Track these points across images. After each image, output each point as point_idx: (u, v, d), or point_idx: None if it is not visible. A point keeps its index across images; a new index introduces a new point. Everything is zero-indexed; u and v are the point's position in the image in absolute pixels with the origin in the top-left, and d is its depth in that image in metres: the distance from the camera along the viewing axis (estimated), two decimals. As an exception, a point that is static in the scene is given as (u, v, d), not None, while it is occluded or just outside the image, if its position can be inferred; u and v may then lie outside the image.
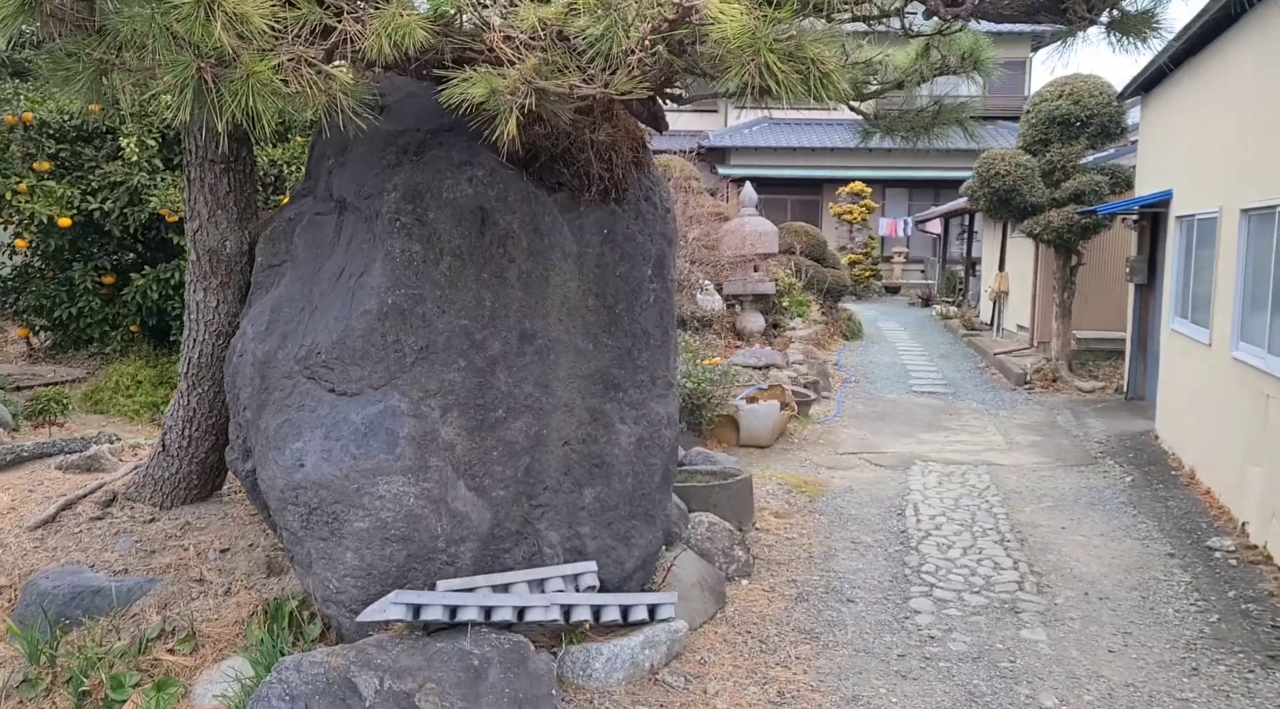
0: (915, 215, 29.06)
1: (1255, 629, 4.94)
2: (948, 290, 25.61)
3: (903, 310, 24.22)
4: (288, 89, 2.49)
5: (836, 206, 27.81)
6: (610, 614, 4.27)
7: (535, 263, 4.11)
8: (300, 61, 2.50)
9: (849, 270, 26.55)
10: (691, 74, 2.74)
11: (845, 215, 27.84)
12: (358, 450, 3.80)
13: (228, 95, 2.38)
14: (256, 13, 2.34)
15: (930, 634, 4.95)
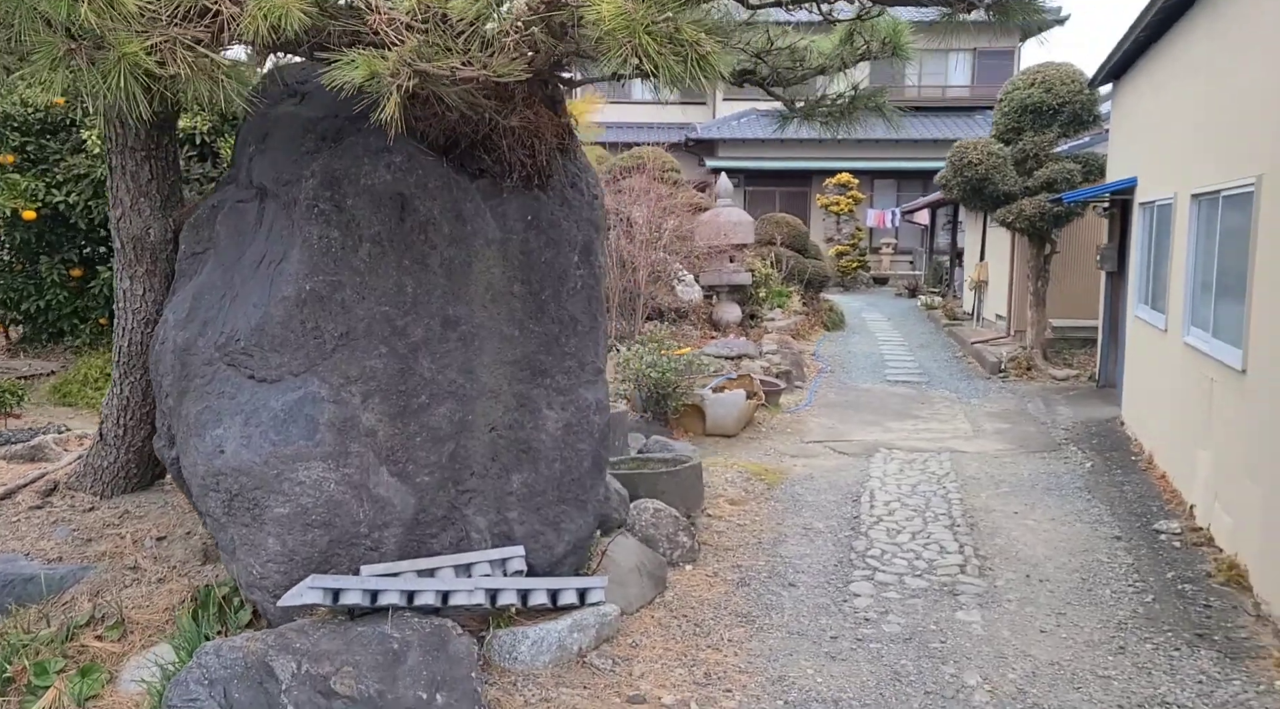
0: (902, 206, 29.05)
1: (1188, 609, 4.97)
2: (934, 281, 25.61)
3: (889, 301, 24.22)
4: (164, 71, 2.50)
5: (823, 198, 27.79)
6: (538, 598, 4.31)
7: (458, 249, 4.13)
8: (176, 43, 2.52)
9: (836, 261, 26.60)
10: (578, 57, 2.75)
11: (832, 206, 27.81)
12: (277, 437, 3.83)
13: (101, 78, 2.40)
14: (127, -4, 2.36)
15: (866, 616, 4.99)
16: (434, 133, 3.97)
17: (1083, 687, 4.17)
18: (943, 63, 31.18)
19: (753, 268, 15.18)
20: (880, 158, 28.70)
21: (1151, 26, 8.24)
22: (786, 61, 4.36)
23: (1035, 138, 12.66)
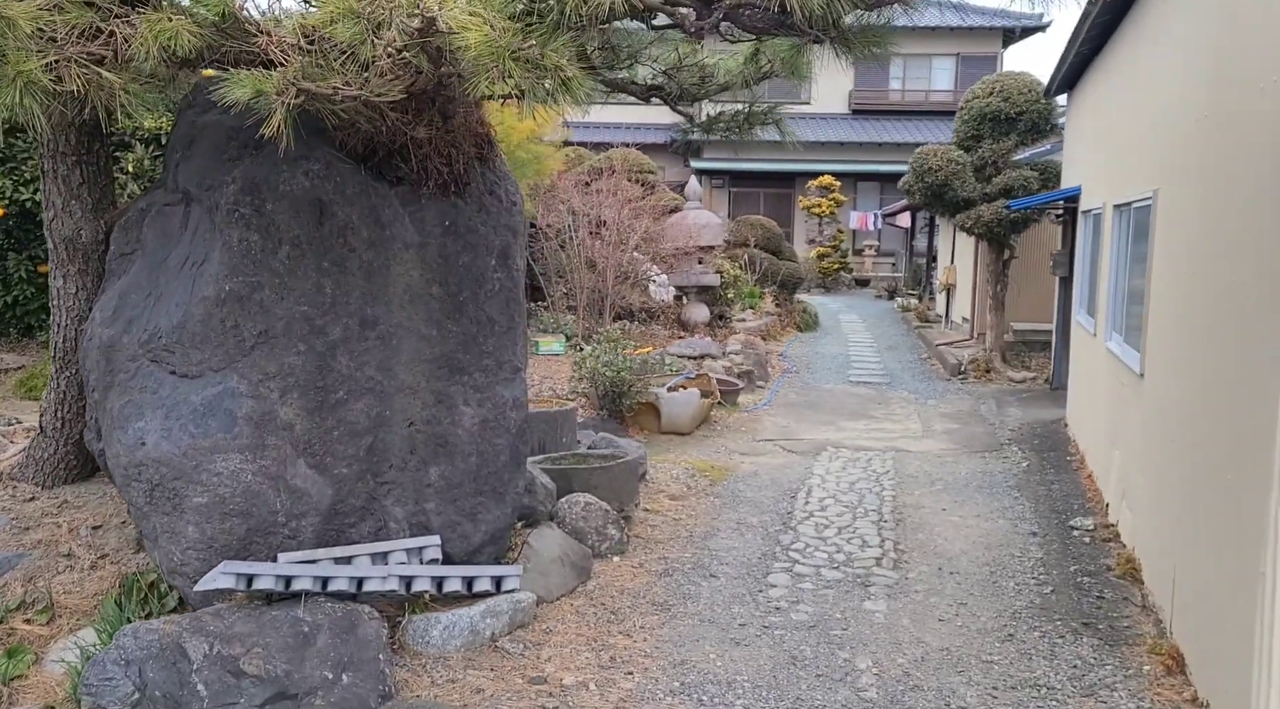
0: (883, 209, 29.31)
1: (1081, 600, 5.21)
2: (913, 283, 25.87)
3: (868, 303, 24.46)
4: (61, 87, 2.71)
5: (806, 200, 28.01)
6: (453, 585, 4.52)
7: (376, 252, 4.35)
8: (71, 61, 2.73)
9: (818, 263, 26.84)
10: (459, 78, 2.96)
11: (814, 209, 28.03)
12: (196, 429, 4.04)
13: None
14: (23, 16, 2.56)
15: (777, 606, 5.21)
16: (353, 142, 4.18)
17: (965, 670, 4.40)
18: (926, 67, 31.44)
19: (721, 269, 15.39)
20: (864, 161, 28.95)
21: (1090, 41, 8.49)
22: (694, 78, 4.58)
23: (994, 145, 12.91)
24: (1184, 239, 4.79)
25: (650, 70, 4.66)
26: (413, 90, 3.11)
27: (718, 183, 31.23)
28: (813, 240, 28.51)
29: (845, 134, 30.00)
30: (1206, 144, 4.43)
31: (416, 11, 2.72)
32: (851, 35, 3.52)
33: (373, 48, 2.76)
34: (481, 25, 2.76)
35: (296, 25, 2.85)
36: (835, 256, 27.37)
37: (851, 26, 3.45)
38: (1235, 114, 3.91)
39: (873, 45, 3.62)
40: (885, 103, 31.05)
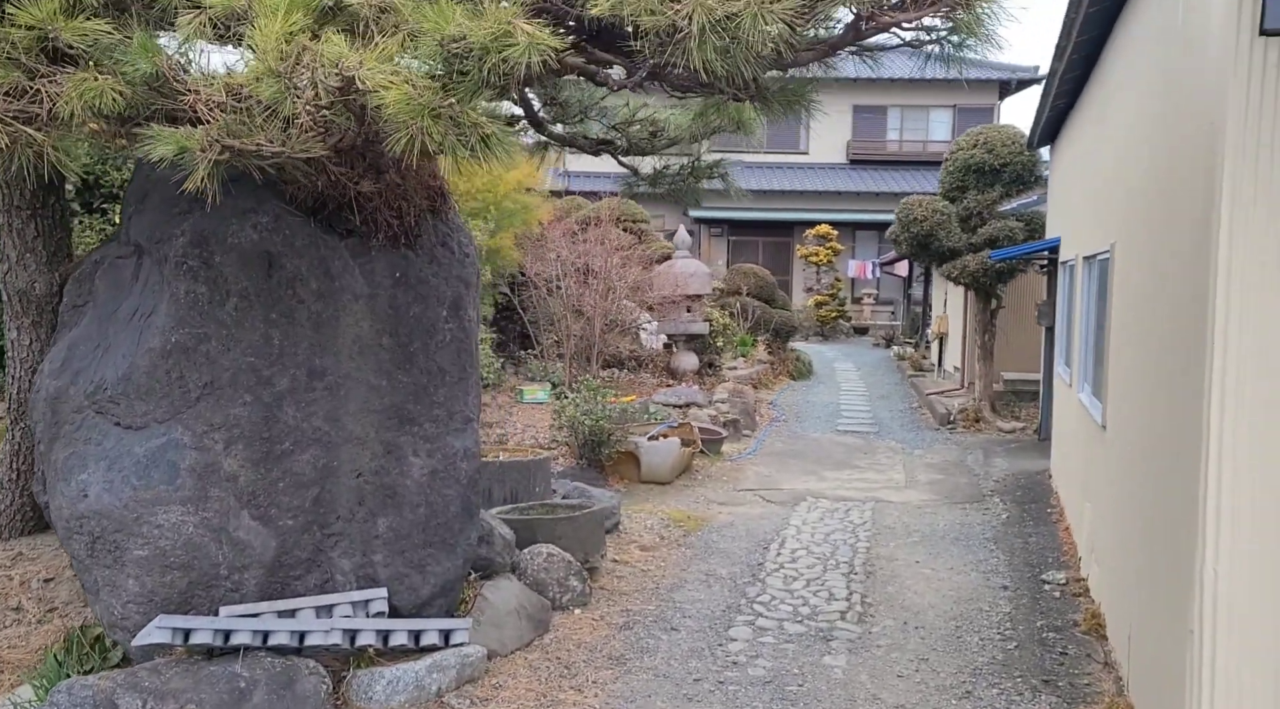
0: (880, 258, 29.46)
1: (1044, 656, 5.12)
2: (910, 332, 25.89)
3: (865, 351, 24.43)
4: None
5: (803, 249, 28.19)
6: (399, 639, 4.47)
7: (326, 303, 4.38)
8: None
9: (815, 311, 26.90)
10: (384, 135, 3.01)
11: (812, 257, 28.18)
12: (138, 481, 4.04)
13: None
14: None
15: (735, 660, 5.14)
16: (302, 195, 4.24)
17: (917, 730, 4.32)
18: (924, 118, 31.80)
19: (710, 317, 15.44)
20: (862, 210, 29.17)
21: (1065, 94, 8.60)
22: (645, 133, 4.65)
23: (979, 196, 13.00)
24: (1137, 293, 4.80)
25: (601, 126, 4.74)
26: (341, 146, 3.17)
27: (716, 231, 31.46)
28: (810, 289, 28.62)
29: (843, 184, 30.27)
30: (1150, 203, 4.46)
31: (336, 70, 2.78)
32: (769, 93, 3.57)
33: (293, 105, 2.81)
34: (400, 84, 2.82)
35: (222, 84, 2.91)
36: (833, 305, 27.42)
37: (770, 85, 3.51)
38: (1169, 179, 3.96)
39: (793, 102, 3.68)
40: (883, 153, 31.37)
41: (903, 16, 2.93)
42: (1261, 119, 2.97)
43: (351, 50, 2.88)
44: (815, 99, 3.83)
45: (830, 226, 27.52)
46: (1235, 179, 2.99)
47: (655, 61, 3.07)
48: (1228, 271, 2.98)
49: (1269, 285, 2.94)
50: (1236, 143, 2.99)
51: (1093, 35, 6.84)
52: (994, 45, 3.05)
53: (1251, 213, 2.96)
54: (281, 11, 2.86)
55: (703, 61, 2.71)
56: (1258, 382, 2.94)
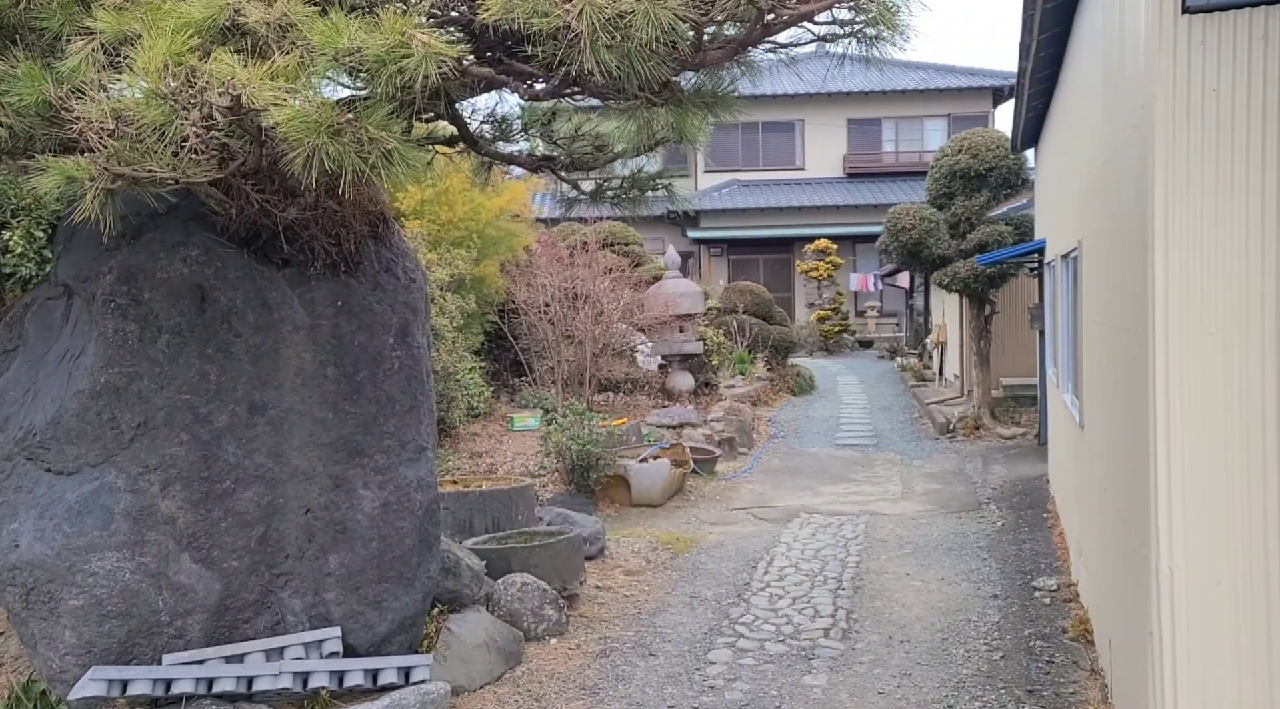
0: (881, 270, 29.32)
1: (1030, 666, 4.93)
2: (914, 342, 25.68)
3: (870, 364, 24.23)
4: None
5: (803, 264, 28.09)
6: (355, 679, 4.32)
7: (264, 336, 4.27)
8: None
9: (818, 326, 26.74)
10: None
11: (811, 272, 28.07)
12: (71, 529, 3.92)
13: None
14: None
15: (713, 684, 4.96)
16: (234, 225, 4.15)
17: (894, 751, 4.13)
18: (919, 128, 31.72)
19: (704, 336, 15.30)
20: (861, 223, 29.01)
21: (1040, 95, 8.51)
22: (588, 148, 4.55)
23: (966, 202, 12.87)
24: (1100, 288, 4.66)
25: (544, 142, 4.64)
26: (246, 170, 3.08)
27: (716, 251, 31.40)
28: (813, 304, 28.47)
29: (840, 197, 30.21)
30: (1104, 195, 4.33)
31: (224, 89, 2.69)
32: (684, 97, 3.47)
33: (180, 128, 2.73)
34: (292, 102, 2.73)
35: (108, 109, 2.83)
36: (836, 319, 27.23)
37: (686, 90, 3.40)
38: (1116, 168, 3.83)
39: (711, 106, 3.57)
40: (879, 165, 31.30)
41: (809, 8, 2.82)
42: (1190, 98, 2.85)
43: (243, 69, 2.79)
44: (734, 101, 3.71)
45: (829, 241, 27.39)
46: (1168, 160, 2.87)
47: (569, 68, 2.98)
48: (1165, 258, 2.85)
49: (1206, 267, 2.80)
50: (1166, 123, 2.87)
51: (1055, 32, 6.75)
52: (905, 38, 2.95)
53: (1185, 194, 2.83)
54: (170, 32, 2.78)
55: (597, 62, 2.61)
56: (1202, 374, 2.80)
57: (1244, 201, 2.77)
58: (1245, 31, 2.81)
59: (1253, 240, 2.75)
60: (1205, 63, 2.83)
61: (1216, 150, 2.79)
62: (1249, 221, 2.76)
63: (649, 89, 2.94)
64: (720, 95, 3.63)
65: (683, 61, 2.90)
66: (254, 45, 3.03)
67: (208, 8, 2.97)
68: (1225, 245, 2.77)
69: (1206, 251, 2.78)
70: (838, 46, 3.09)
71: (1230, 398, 2.73)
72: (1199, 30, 2.85)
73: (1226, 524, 2.73)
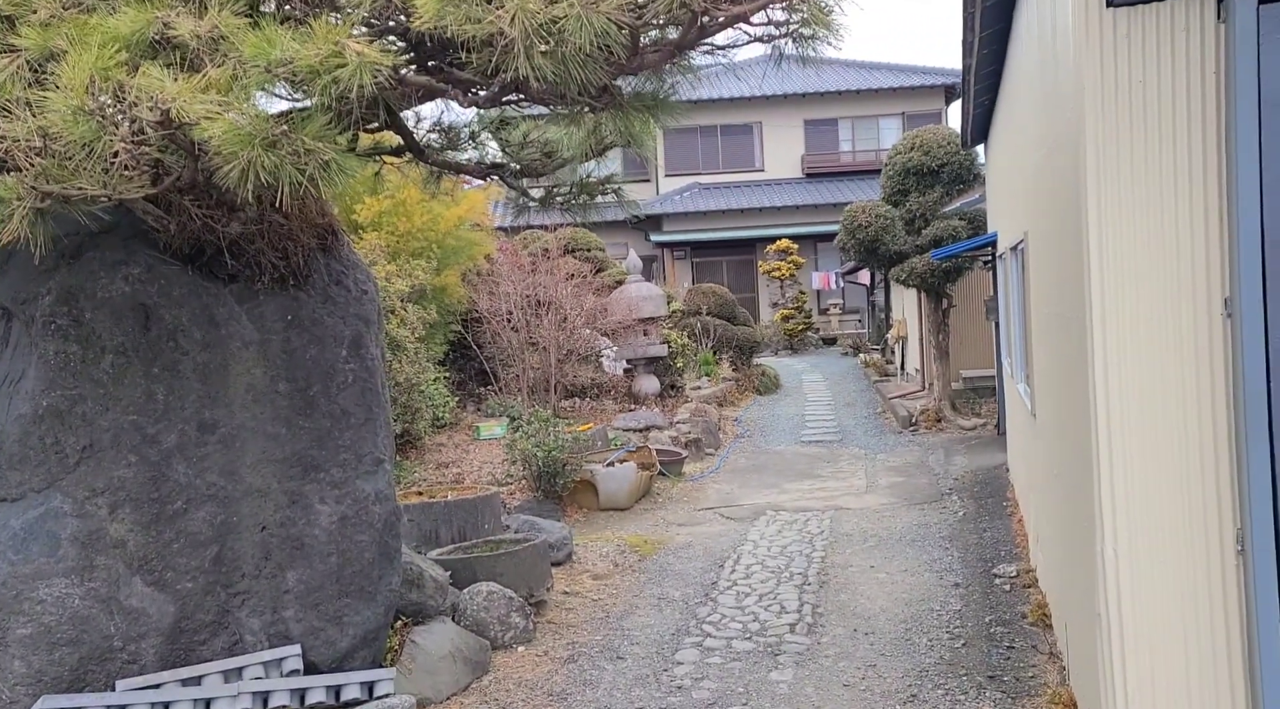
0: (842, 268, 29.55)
1: (991, 652, 4.99)
2: (876, 338, 25.91)
3: (834, 360, 24.37)
4: None
5: (765, 264, 28.26)
6: (316, 696, 4.27)
7: (212, 354, 4.22)
8: None
9: (782, 325, 26.89)
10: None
11: (774, 273, 28.22)
12: (16, 556, 3.85)
13: None
14: None
15: (680, 684, 4.97)
16: (176, 242, 4.10)
17: (859, 742, 4.16)
18: (874, 128, 32.03)
19: (668, 339, 15.34)
20: (821, 222, 29.18)
21: (987, 91, 8.63)
22: (537, 155, 4.55)
23: (920, 198, 13.01)
24: (1045, 278, 4.74)
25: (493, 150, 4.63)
26: (180, 185, 3.04)
27: (679, 255, 31.48)
28: (776, 303, 28.62)
29: (800, 197, 30.45)
30: (1046, 188, 4.41)
31: (152, 104, 2.66)
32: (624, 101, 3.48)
33: (109, 144, 2.69)
34: (229, 115, 2.70)
35: (34, 127, 2.78)
36: (800, 318, 27.39)
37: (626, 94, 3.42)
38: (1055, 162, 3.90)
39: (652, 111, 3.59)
40: (837, 164, 31.57)
41: (741, 9, 2.84)
42: (1119, 89, 2.91)
43: (172, 82, 2.76)
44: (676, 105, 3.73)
45: (790, 241, 27.58)
46: (1098, 151, 2.92)
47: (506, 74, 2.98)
48: (1099, 246, 2.90)
49: (1138, 254, 2.86)
50: (1095, 116, 2.93)
51: (997, 29, 6.85)
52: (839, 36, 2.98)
53: (1115, 184, 2.89)
54: (95, 47, 2.74)
55: (532, 68, 2.61)
56: (1139, 360, 2.85)
57: (1172, 189, 2.83)
58: (1168, 23, 2.87)
59: (1181, 226, 2.81)
60: (1131, 55, 2.89)
61: (1145, 140, 2.85)
62: (1177, 208, 2.82)
63: (588, 94, 2.95)
64: (661, 99, 3.64)
65: (619, 66, 2.91)
66: (185, 59, 3.00)
67: (135, 21, 2.93)
68: (1155, 232, 2.83)
69: (1138, 238, 2.83)
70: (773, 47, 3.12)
71: (1167, 382, 2.79)
72: (1124, 23, 2.91)
73: (1167, 506, 2.78)
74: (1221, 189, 2.77)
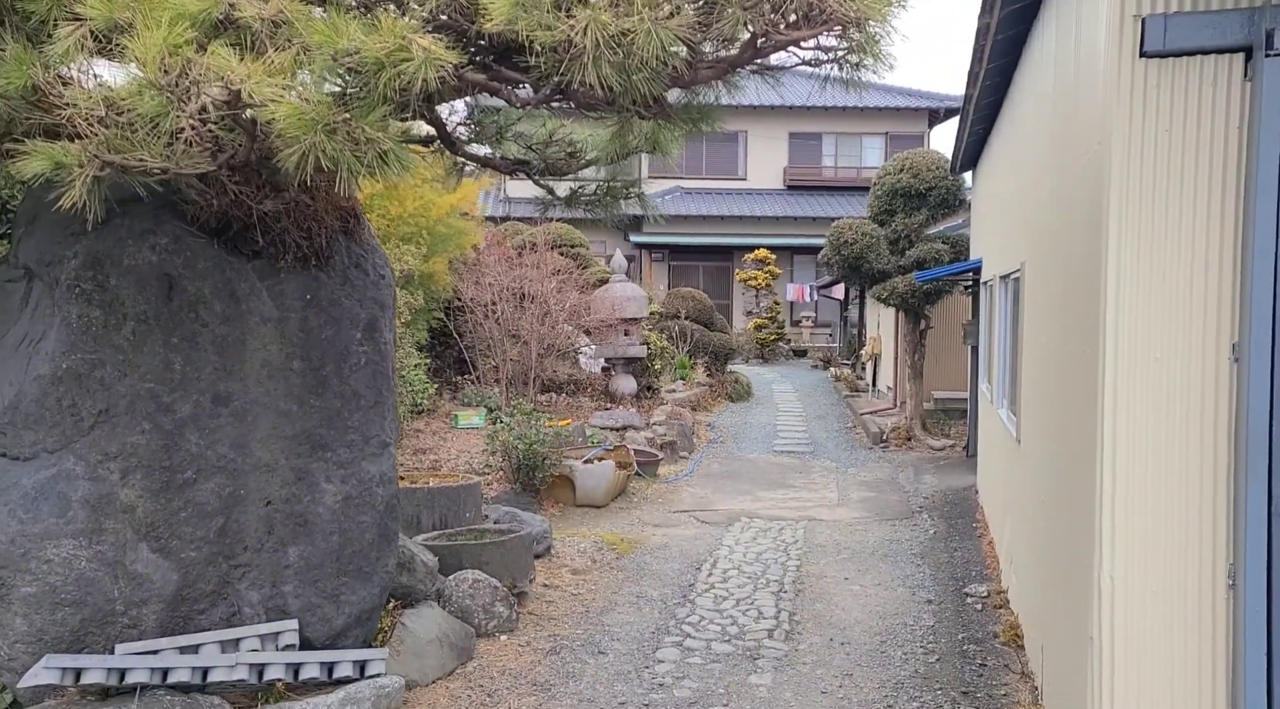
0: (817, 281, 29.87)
1: (964, 668, 5.16)
2: (848, 353, 26.22)
3: (804, 373, 24.62)
4: None
5: (743, 273, 28.46)
6: (310, 671, 4.33)
7: (231, 327, 4.26)
8: None
9: (755, 334, 27.12)
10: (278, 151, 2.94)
11: (750, 281, 28.44)
12: (26, 515, 3.86)
13: None
14: None
15: (661, 682, 5.08)
16: (204, 215, 4.13)
17: (838, 747, 4.30)
18: (857, 145, 32.39)
19: (648, 340, 15.44)
20: (799, 234, 29.52)
21: (982, 121, 8.85)
22: (562, 154, 4.63)
23: (906, 219, 13.26)
24: (1043, 309, 4.91)
25: (518, 146, 4.71)
26: (235, 163, 3.09)
27: (657, 257, 31.60)
28: (750, 312, 28.86)
29: (780, 209, 30.71)
30: (1052, 222, 4.58)
31: (222, 83, 2.72)
32: (672, 111, 3.59)
33: (176, 120, 2.74)
34: (291, 98, 2.76)
35: (101, 97, 2.82)
36: (772, 328, 27.65)
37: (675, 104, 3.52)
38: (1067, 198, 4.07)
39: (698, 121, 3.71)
40: (819, 179, 31.87)
41: (799, 35, 2.96)
42: (1145, 137, 3.07)
43: (240, 64, 2.81)
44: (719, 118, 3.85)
45: (768, 251, 27.81)
46: (1121, 196, 3.07)
47: (559, 78, 3.06)
48: (1116, 288, 3.05)
49: (1153, 297, 3.02)
50: (1121, 161, 3.08)
51: (1002, 63, 7.05)
52: (886, 65, 3.11)
53: (1136, 227, 3.04)
54: (165, 24, 2.78)
55: (599, 77, 2.70)
56: (1147, 399, 3.01)
57: (1189, 235, 3.00)
58: (1196, 75, 3.04)
59: (1196, 271, 2.97)
60: (1159, 103, 3.05)
61: (1167, 187, 3.01)
62: (1193, 254, 2.99)
63: (643, 103, 3.05)
64: (705, 109, 3.75)
65: (676, 78, 3.01)
66: (245, 40, 3.05)
67: (203, 1, 2.98)
68: (1169, 274, 2.99)
69: (1153, 280, 2.99)
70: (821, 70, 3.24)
71: (1172, 421, 2.95)
72: (1154, 73, 3.06)
73: (1164, 538, 2.95)
74: (1237, 238, 2.94)
